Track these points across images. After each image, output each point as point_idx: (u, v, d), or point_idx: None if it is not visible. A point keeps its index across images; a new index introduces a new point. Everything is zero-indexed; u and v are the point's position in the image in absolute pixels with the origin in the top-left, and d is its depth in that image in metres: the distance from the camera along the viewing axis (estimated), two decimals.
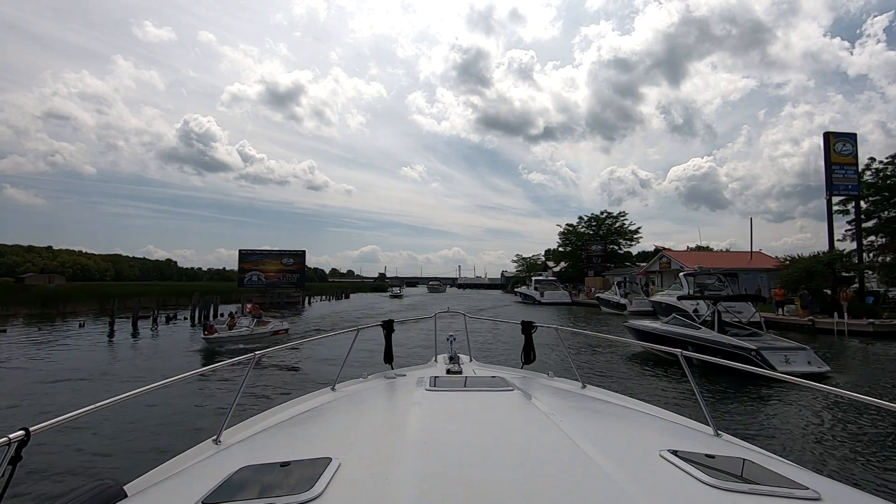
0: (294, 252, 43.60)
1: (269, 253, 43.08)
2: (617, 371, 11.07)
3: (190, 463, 1.70)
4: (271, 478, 1.20)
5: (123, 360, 13.19)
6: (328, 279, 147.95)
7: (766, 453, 1.71)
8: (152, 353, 14.82)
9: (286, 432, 1.82)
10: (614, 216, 57.73)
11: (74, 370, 11.21)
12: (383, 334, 3.55)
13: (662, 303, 24.30)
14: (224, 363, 2.45)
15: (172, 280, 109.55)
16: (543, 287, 44.97)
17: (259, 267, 42.20)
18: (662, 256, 34.82)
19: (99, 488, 1.39)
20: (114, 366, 12.30)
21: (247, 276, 41.96)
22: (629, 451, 1.46)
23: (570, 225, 61.12)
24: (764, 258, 34.10)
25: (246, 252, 42.45)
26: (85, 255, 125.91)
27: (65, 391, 9.16)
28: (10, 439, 1.23)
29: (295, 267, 43.15)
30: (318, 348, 13.04)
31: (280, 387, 9.07)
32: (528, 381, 2.68)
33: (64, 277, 66.72)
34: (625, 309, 29.08)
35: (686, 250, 35.71)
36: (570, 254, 60.30)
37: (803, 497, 1.10)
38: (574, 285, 48.90)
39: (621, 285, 31.34)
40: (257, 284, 41.67)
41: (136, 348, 15.84)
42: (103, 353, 14.52)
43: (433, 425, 1.63)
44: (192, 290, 46.11)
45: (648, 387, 9.18)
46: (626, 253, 57.49)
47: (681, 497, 1.08)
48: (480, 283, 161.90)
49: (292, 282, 42.81)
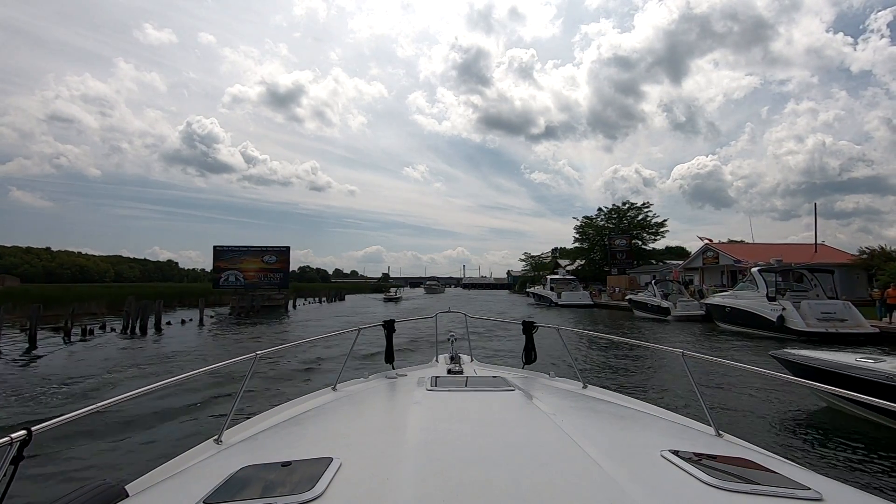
0: (277, 248, 38.36)
1: (249, 249, 37.78)
2: (617, 371, 10.64)
3: (191, 463, 1.68)
4: (272, 478, 1.20)
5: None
6: (331, 279, 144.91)
7: (767, 453, 1.69)
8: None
9: (287, 432, 1.81)
10: (637, 207, 51.48)
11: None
12: (384, 334, 3.48)
13: (727, 307, 18.69)
14: (224, 363, 2.34)
15: (174, 281, 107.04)
16: (560, 287, 39.40)
17: (237, 265, 37.08)
18: (707, 250, 29.10)
19: (100, 488, 1.40)
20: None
21: (223, 276, 36.90)
22: (630, 452, 1.46)
23: (587, 218, 55.32)
24: (830, 251, 28.38)
25: (221, 248, 37.31)
26: (84, 256, 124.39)
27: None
28: (13, 439, 1.24)
29: (278, 265, 37.95)
30: (319, 348, 12.58)
31: (281, 387, 8.83)
32: (529, 381, 2.69)
33: (18, 279, 61.64)
34: (668, 314, 23.57)
35: (728, 242, 30.06)
36: (588, 250, 54.46)
37: (805, 497, 1.10)
38: (593, 285, 43.25)
39: (660, 284, 25.73)
40: (235, 285, 36.59)
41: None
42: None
43: (434, 425, 1.63)
44: (170, 292, 41.67)
45: (649, 387, 8.93)
46: (652, 249, 51.49)
47: (682, 497, 1.08)
48: (486, 282, 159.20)
49: (275, 282, 37.67)
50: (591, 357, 12.35)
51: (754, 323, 17.01)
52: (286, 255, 38.63)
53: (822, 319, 15.34)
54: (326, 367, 10.55)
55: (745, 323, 17.49)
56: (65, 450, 5.48)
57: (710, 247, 28.59)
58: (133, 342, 16.39)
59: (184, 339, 17.12)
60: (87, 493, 1.34)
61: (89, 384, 9.48)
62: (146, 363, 12.08)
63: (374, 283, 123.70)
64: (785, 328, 15.67)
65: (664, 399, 7.58)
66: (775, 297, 16.56)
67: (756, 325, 16.92)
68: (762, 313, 16.59)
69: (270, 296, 36.41)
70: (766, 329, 16.40)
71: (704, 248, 29.14)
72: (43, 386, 9.44)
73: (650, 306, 25.10)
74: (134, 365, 11.68)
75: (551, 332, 3.51)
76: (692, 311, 23.35)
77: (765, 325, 16.44)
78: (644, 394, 8.00)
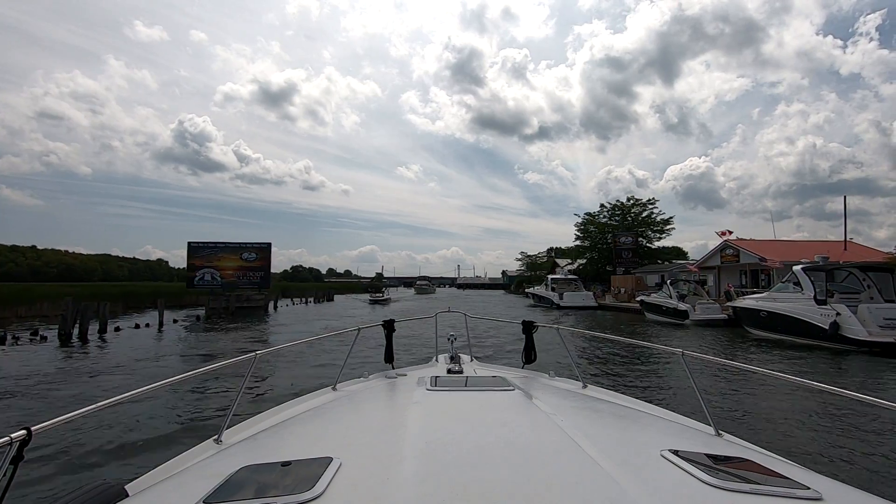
0: (257, 245, 35.48)
1: (227, 246, 34.85)
2: (617, 371, 10.37)
3: (191, 463, 1.69)
4: (272, 477, 1.20)
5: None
6: (325, 279, 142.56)
7: (767, 453, 1.69)
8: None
9: (287, 432, 1.80)
10: (642, 203, 48.93)
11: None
12: (384, 334, 3.49)
13: (763, 311, 16.09)
14: (224, 363, 2.29)
15: (164, 281, 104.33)
16: (562, 287, 36.77)
17: (213, 263, 34.19)
18: (727, 247, 26.50)
19: (100, 488, 1.39)
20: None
21: (198, 275, 34.01)
22: (630, 451, 1.46)
23: (589, 214, 52.70)
24: (861, 249, 25.93)
25: (197, 245, 34.39)
26: (72, 254, 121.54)
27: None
28: (12, 439, 1.23)
29: (258, 263, 35.07)
30: (319, 348, 12.51)
31: (280, 386, 8.63)
32: (528, 380, 2.68)
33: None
34: (686, 317, 21.03)
35: (749, 240, 27.52)
36: (590, 248, 51.83)
37: (805, 497, 1.10)
38: (595, 285, 40.64)
39: (675, 285, 23.17)
40: (211, 284, 33.71)
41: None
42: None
43: (434, 425, 1.63)
44: (143, 292, 38.75)
45: (649, 387, 8.72)
46: (659, 248, 48.69)
47: (682, 497, 1.08)
48: (481, 282, 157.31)
49: (255, 281, 34.82)
50: (591, 357, 12.17)
51: (798, 330, 14.47)
52: (267, 252, 35.76)
53: (885, 327, 12.81)
54: (326, 367, 10.30)
55: (787, 330, 14.95)
56: (65, 450, 5.46)
57: (731, 243, 25.97)
58: (62, 352, 13.61)
59: (132, 350, 14.23)
60: (87, 493, 1.34)
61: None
62: (51, 383, 9.37)
63: (368, 282, 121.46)
64: (840, 337, 13.12)
65: (664, 399, 7.54)
66: (826, 301, 14.00)
67: (800, 332, 14.38)
68: (810, 319, 14.03)
69: (249, 296, 33.61)
70: (813, 337, 13.86)
71: (723, 246, 26.51)
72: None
73: (665, 309, 22.53)
74: (35, 383, 8.97)
75: (551, 331, 3.51)
76: (713, 314, 20.82)
77: (813, 333, 13.90)
78: (644, 393, 7.85)
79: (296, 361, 11.17)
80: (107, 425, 6.20)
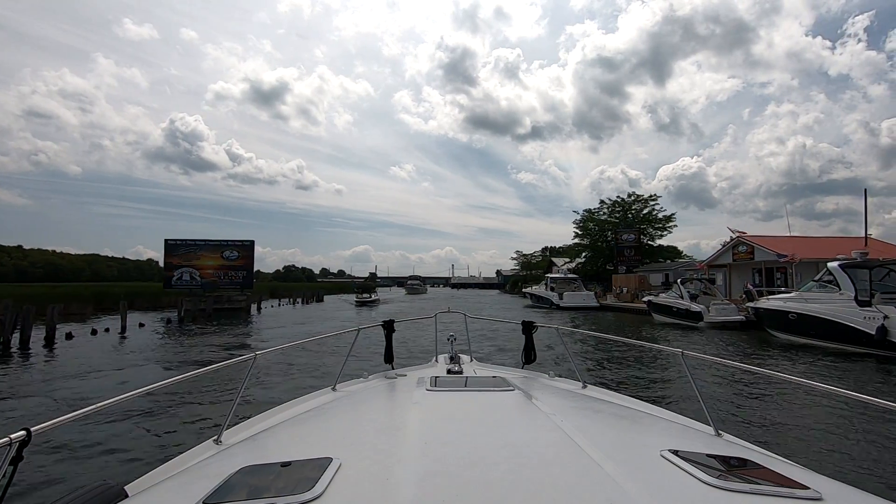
0: (239, 243, 33.46)
1: (207, 243, 32.86)
2: (617, 371, 10.27)
3: (191, 463, 1.69)
4: (272, 478, 1.19)
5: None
6: (317, 279, 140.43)
7: (767, 453, 1.68)
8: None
9: (287, 432, 1.81)
10: (643, 199, 47.22)
11: None
12: (384, 334, 3.48)
13: (792, 313, 14.36)
14: (224, 363, 2.30)
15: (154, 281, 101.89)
16: (562, 287, 35.04)
17: (192, 262, 32.20)
18: (740, 244, 24.81)
19: (100, 488, 1.39)
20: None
21: (176, 275, 31.99)
22: (630, 451, 1.46)
23: (588, 211, 50.97)
24: (882, 245, 24.35)
25: (174, 242, 32.36)
26: (59, 254, 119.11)
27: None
28: (12, 439, 1.23)
29: (240, 262, 33.09)
30: (319, 348, 12.20)
31: (280, 387, 8.46)
32: (528, 381, 2.68)
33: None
34: (700, 319, 19.34)
35: (766, 236, 25.86)
36: (589, 247, 50.10)
37: (805, 497, 1.09)
38: (596, 284, 38.90)
39: (686, 284, 21.45)
40: (190, 285, 31.71)
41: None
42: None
43: (434, 425, 1.63)
44: (117, 292, 36.56)
45: (649, 387, 8.67)
46: (660, 247, 46.90)
47: (682, 497, 1.07)
48: (476, 282, 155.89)
49: (237, 281, 32.84)
50: (591, 357, 12.13)
51: (836, 335, 12.76)
52: (250, 250, 33.78)
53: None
54: (326, 368, 10.23)
55: (821, 334, 13.24)
56: (65, 450, 5.40)
57: (744, 240, 24.31)
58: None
59: (77, 362, 12.22)
60: (87, 493, 1.35)
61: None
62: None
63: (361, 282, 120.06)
64: (889, 343, 11.43)
65: (664, 399, 7.54)
66: (869, 302, 12.30)
67: (839, 337, 12.67)
68: (851, 322, 12.32)
69: (231, 297, 31.61)
70: (854, 343, 12.17)
71: (736, 242, 24.81)
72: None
73: (677, 310, 20.80)
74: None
75: (551, 331, 3.54)
76: (729, 315, 19.14)
77: (854, 339, 12.20)
78: (644, 394, 7.78)
79: (295, 362, 10.93)
80: (107, 426, 6.17)
